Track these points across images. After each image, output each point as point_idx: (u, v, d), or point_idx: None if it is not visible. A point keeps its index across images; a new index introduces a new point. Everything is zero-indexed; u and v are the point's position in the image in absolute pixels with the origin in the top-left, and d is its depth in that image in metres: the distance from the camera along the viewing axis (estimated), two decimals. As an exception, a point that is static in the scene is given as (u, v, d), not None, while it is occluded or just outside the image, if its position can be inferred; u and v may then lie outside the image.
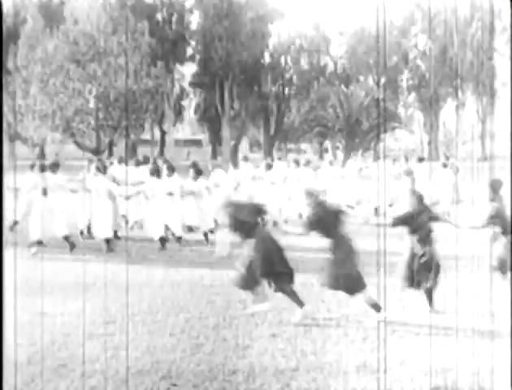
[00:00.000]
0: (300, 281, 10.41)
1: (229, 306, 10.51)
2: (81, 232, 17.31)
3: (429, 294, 9.98)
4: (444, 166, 23.68)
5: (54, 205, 15.56)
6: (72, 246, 15.32)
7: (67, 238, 15.39)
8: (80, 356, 8.06)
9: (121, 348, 8.46)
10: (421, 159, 24.93)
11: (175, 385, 7.36)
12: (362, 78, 63.39)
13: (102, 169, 16.32)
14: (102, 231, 15.74)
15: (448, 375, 7.52)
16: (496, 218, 9.99)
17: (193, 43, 62.01)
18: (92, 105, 45.64)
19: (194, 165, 17.87)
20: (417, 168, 23.27)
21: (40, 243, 15.19)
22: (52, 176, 15.77)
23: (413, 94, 64.95)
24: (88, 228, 17.15)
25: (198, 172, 17.50)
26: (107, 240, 15.56)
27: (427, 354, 8.09)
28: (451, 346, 8.41)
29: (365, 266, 9.79)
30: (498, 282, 10.10)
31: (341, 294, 9.90)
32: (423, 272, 9.82)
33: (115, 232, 16.45)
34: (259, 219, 10.00)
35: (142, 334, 9.20)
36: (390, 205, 23.39)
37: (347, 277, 9.44)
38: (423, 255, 9.81)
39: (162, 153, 60.99)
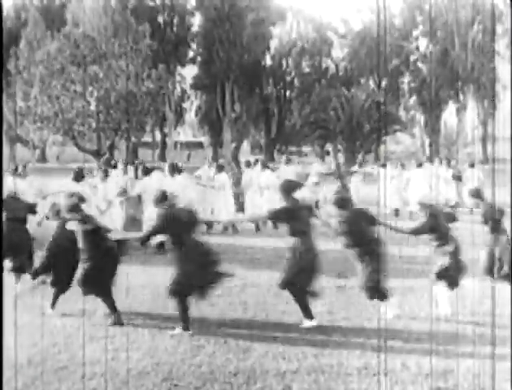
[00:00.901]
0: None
1: (230, 308, 10.51)
2: None
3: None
4: (472, 166, 24.37)
5: None
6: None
7: None
8: (80, 358, 8.05)
9: (122, 349, 8.46)
10: (383, 165, 25.17)
11: (175, 385, 7.36)
12: (363, 81, 63.46)
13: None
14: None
15: (449, 377, 7.51)
16: (282, 215, 9.99)
17: (194, 45, 62.09)
18: (93, 107, 45.65)
19: (141, 163, 18.11)
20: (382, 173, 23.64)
21: None
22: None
23: (414, 97, 64.99)
24: None
25: (147, 172, 17.51)
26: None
27: (427, 356, 8.09)
28: (452, 348, 8.40)
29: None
30: (500, 285, 10.09)
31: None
32: None
33: None
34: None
35: (143, 336, 9.19)
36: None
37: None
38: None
39: (163, 155, 61.05)
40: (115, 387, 7.30)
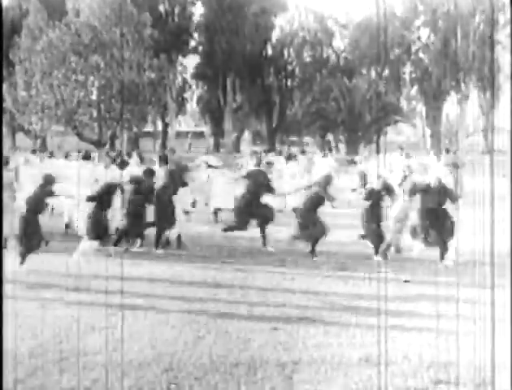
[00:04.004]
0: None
1: (230, 300, 10.50)
2: None
3: None
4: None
5: None
6: None
7: None
8: (81, 348, 8.05)
9: (123, 340, 8.45)
10: (303, 151, 25.09)
11: (176, 376, 7.35)
12: (364, 71, 63.27)
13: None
14: None
15: (450, 369, 7.50)
16: None
17: (195, 35, 61.91)
18: (94, 97, 45.57)
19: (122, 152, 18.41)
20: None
21: None
22: None
23: (415, 87, 64.83)
24: None
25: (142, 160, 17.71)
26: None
27: (429, 348, 8.09)
28: (453, 339, 8.39)
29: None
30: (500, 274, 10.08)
31: (343, 286, 9.88)
32: None
33: None
34: None
35: (144, 326, 9.18)
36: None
37: None
38: None
39: (164, 145, 60.99)
40: (116, 378, 7.30)
